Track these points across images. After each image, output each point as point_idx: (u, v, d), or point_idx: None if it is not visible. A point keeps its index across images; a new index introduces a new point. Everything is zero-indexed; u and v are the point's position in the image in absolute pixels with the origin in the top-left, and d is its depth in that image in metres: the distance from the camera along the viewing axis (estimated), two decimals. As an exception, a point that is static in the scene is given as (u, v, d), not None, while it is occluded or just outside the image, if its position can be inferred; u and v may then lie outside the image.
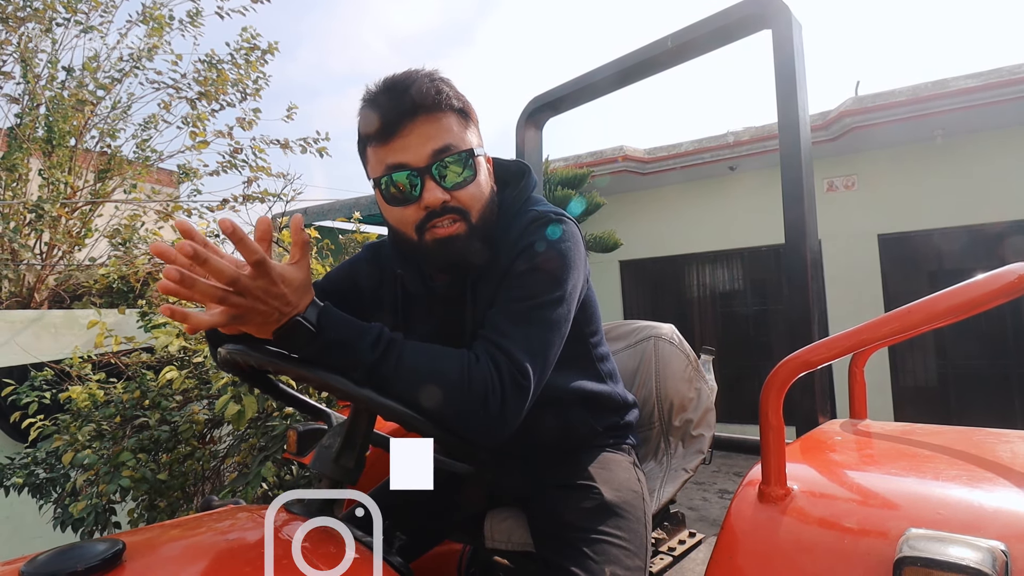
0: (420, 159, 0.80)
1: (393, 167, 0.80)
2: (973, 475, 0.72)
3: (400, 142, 0.80)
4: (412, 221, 0.83)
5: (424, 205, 0.81)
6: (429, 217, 0.81)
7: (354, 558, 0.69)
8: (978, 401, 5.42)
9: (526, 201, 0.93)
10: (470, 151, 0.83)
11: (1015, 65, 4.51)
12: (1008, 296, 0.66)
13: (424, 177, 0.80)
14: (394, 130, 0.80)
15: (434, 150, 0.80)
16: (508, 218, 0.90)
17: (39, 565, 0.55)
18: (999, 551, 0.56)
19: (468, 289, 0.90)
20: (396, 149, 0.80)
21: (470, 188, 0.83)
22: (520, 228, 0.86)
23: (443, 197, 0.80)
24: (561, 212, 0.90)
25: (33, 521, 2.55)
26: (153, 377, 2.19)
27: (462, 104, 0.85)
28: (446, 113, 0.82)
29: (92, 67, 4.36)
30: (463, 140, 0.83)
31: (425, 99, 0.79)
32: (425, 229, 0.82)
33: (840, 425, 1.06)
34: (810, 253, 1.15)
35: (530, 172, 0.98)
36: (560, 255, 0.84)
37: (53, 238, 4.08)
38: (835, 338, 0.73)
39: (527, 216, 0.88)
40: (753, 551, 0.69)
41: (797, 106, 1.16)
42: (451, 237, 0.82)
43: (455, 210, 0.82)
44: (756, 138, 5.68)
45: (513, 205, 0.92)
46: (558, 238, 0.85)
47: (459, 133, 0.83)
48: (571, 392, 0.98)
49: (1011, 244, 5.17)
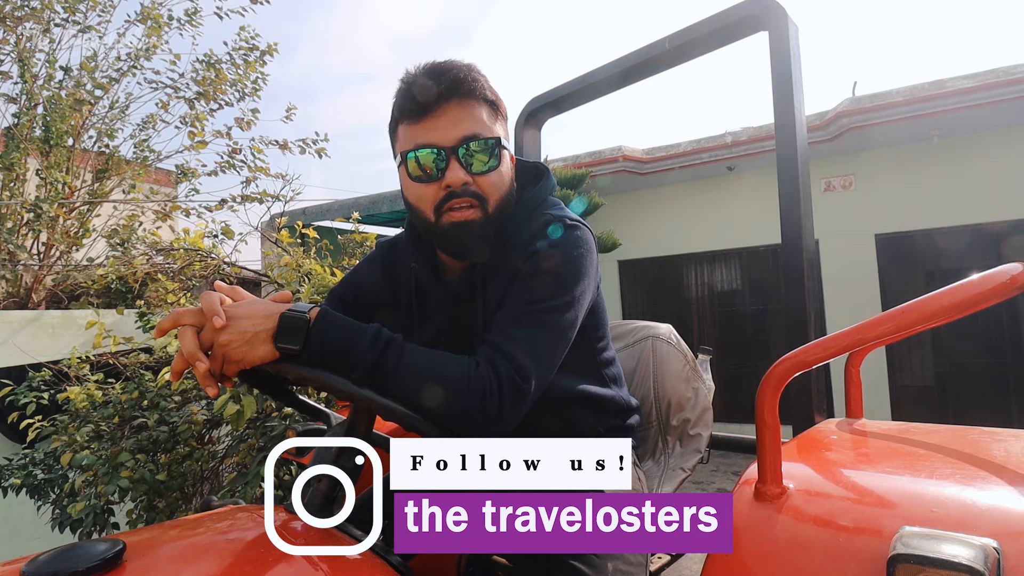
0: (448, 140, 0.82)
1: (422, 145, 0.83)
2: (967, 473, 0.73)
3: (431, 122, 0.83)
4: (432, 200, 0.85)
5: (446, 184, 0.83)
6: (448, 198, 0.84)
7: (355, 557, 0.69)
8: (975, 400, 5.44)
9: (543, 203, 0.94)
10: (497, 140, 0.85)
11: (1012, 66, 4.53)
12: (1001, 296, 0.67)
13: (450, 157, 0.83)
14: (427, 111, 0.83)
15: (463, 135, 0.83)
16: (524, 218, 0.91)
17: (40, 565, 0.56)
18: (991, 548, 0.57)
19: (479, 286, 0.91)
20: (427, 128, 0.83)
21: (492, 176, 0.85)
22: (534, 230, 0.87)
23: (465, 179, 0.83)
24: (576, 218, 0.91)
25: (31, 522, 2.55)
26: (152, 377, 2.20)
27: (494, 97, 0.88)
28: (478, 102, 0.85)
29: (90, 67, 4.35)
30: (491, 130, 0.86)
31: (460, 85, 0.83)
32: (443, 210, 0.84)
33: (836, 424, 1.07)
34: (807, 253, 1.16)
35: (549, 174, 0.98)
36: (571, 260, 0.84)
37: (51, 238, 4.08)
38: (830, 338, 0.74)
39: (542, 219, 0.89)
40: (749, 549, 0.70)
41: (793, 107, 1.17)
42: (466, 222, 0.84)
43: (474, 195, 0.84)
44: (754, 138, 5.69)
45: (530, 205, 0.93)
46: (571, 243, 0.86)
47: (488, 123, 0.86)
48: (575, 394, 0.98)
49: (1008, 243, 5.19)
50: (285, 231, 2.73)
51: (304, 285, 2.24)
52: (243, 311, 0.72)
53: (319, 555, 0.66)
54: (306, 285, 2.21)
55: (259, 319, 0.71)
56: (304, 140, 4.34)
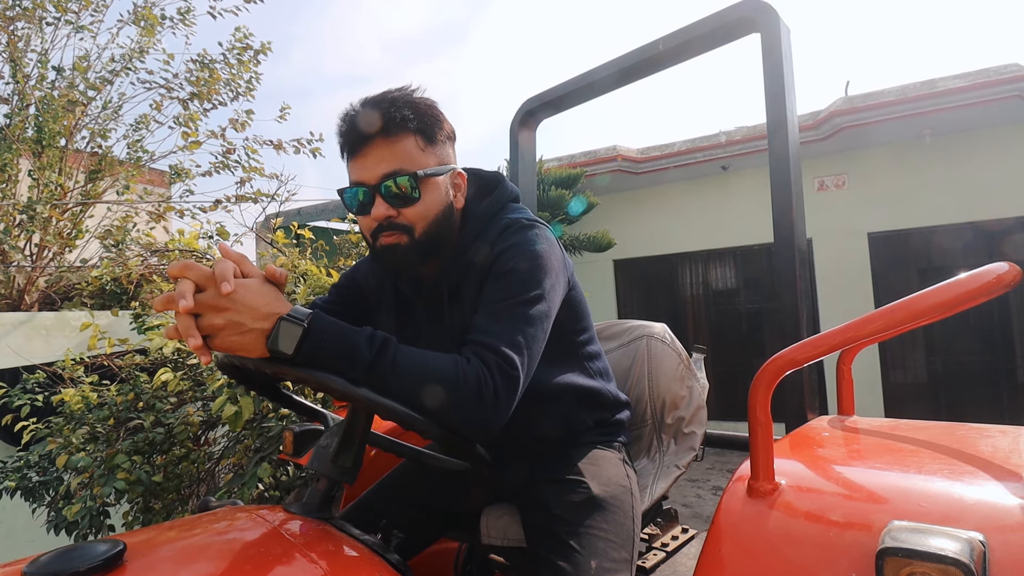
0: (372, 178, 0.89)
1: (353, 183, 0.91)
2: (955, 469, 0.74)
3: (360, 161, 0.90)
4: (368, 229, 0.93)
5: (374, 218, 0.90)
6: (379, 228, 0.91)
7: (353, 556, 0.70)
8: (967, 397, 5.49)
9: (502, 209, 1.00)
10: (415, 174, 0.89)
11: (1002, 65, 4.57)
12: (988, 295, 0.68)
13: (374, 194, 0.90)
14: (356, 150, 0.90)
15: (384, 172, 0.88)
16: (484, 225, 0.97)
17: (41, 566, 0.56)
18: (977, 542, 0.58)
19: (446, 291, 0.97)
20: (357, 167, 0.90)
21: (417, 207, 0.91)
22: (495, 235, 0.94)
23: (388, 213, 0.90)
24: (534, 218, 0.97)
25: (26, 525, 2.53)
26: (147, 379, 2.19)
27: (424, 126, 0.91)
28: (405, 135, 0.89)
29: (83, 67, 4.32)
30: (415, 163, 0.90)
31: (386, 123, 0.88)
32: (377, 237, 0.92)
33: (828, 421, 1.08)
34: (798, 252, 1.17)
35: (504, 181, 1.04)
36: (534, 256, 0.89)
37: (44, 239, 4.05)
38: (821, 336, 0.75)
39: (501, 223, 0.95)
40: (742, 544, 0.71)
41: (786, 107, 1.18)
42: (393, 246, 0.91)
43: (399, 226, 0.91)
44: (748, 138, 5.72)
45: (488, 212, 0.99)
46: (531, 241, 0.91)
47: (413, 156, 0.90)
48: (560, 387, 1.02)
49: (1000, 241, 5.24)
50: (280, 232, 2.73)
51: (300, 286, 2.24)
52: (247, 299, 0.71)
53: (318, 554, 0.66)
54: (302, 286, 2.21)
55: (259, 315, 0.71)
56: (299, 140, 4.33)
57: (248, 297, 0.71)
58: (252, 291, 0.72)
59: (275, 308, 0.73)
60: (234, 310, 0.70)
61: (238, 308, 0.71)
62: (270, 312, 0.72)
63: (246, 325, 0.71)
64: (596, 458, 1.02)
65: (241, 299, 0.71)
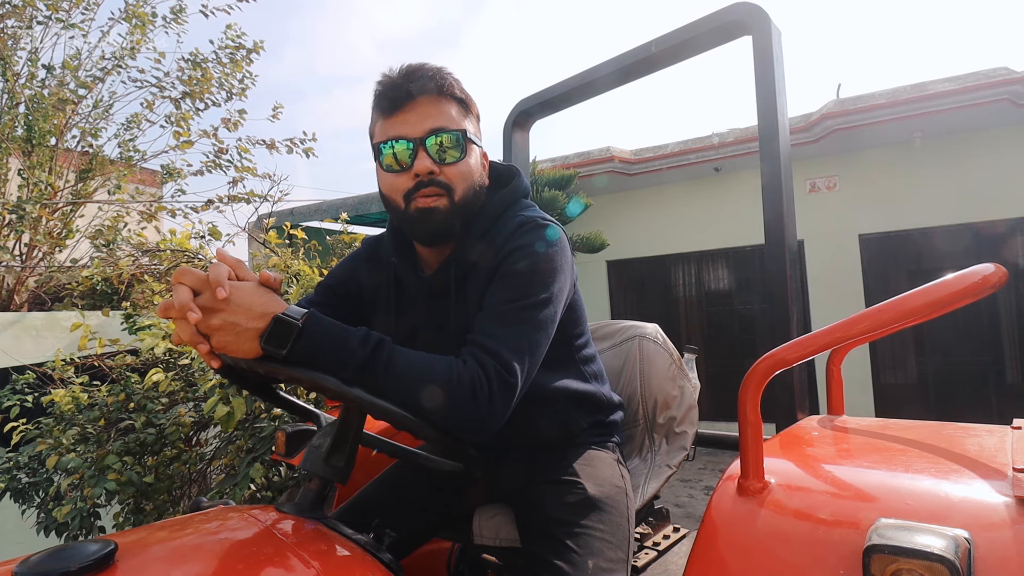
0: (417, 132, 0.88)
1: (393, 137, 0.89)
2: (941, 467, 0.75)
3: (402, 116, 0.89)
4: (402, 189, 0.90)
5: (415, 173, 0.88)
6: (417, 187, 0.89)
7: (345, 556, 0.70)
8: (957, 397, 5.54)
9: (515, 204, 0.98)
10: (463, 132, 0.90)
11: (991, 69, 4.63)
12: (975, 296, 0.69)
13: (418, 148, 0.88)
14: (399, 106, 0.89)
15: (431, 127, 0.88)
16: (496, 218, 0.95)
17: (33, 565, 0.56)
18: (962, 539, 0.59)
19: (453, 283, 0.94)
20: (398, 123, 0.89)
21: (459, 167, 0.90)
22: (509, 231, 0.91)
23: (432, 167, 0.88)
24: (549, 218, 0.95)
25: (15, 526, 2.51)
26: (138, 380, 2.17)
27: (464, 97, 0.93)
28: (448, 99, 0.90)
29: (73, 65, 4.29)
30: (459, 124, 0.91)
31: (430, 83, 0.88)
32: (412, 198, 0.89)
33: (818, 421, 1.09)
34: (789, 254, 1.18)
35: (521, 176, 1.02)
36: (547, 259, 0.88)
37: (33, 239, 4.02)
38: (810, 336, 0.76)
39: (516, 220, 0.93)
40: (732, 542, 0.72)
41: (777, 110, 1.19)
42: (432, 208, 0.89)
43: (441, 184, 0.89)
44: (740, 139, 5.75)
45: (501, 205, 0.97)
46: (546, 243, 0.90)
47: (456, 119, 0.91)
48: (556, 390, 1.01)
49: (989, 243, 5.30)
50: (273, 232, 2.72)
51: (293, 286, 2.23)
52: (242, 299, 0.72)
53: (310, 554, 0.66)
54: (295, 286, 2.21)
55: (254, 315, 0.72)
56: (292, 140, 4.32)
57: (243, 298, 0.72)
58: (248, 292, 0.72)
59: (270, 307, 0.73)
60: (229, 311, 0.71)
61: (233, 308, 0.71)
62: (265, 311, 0.72)
63: (241, 324, 0.71)
64: (591, 459, 1.02)
65: (236, 299, 0.71)
